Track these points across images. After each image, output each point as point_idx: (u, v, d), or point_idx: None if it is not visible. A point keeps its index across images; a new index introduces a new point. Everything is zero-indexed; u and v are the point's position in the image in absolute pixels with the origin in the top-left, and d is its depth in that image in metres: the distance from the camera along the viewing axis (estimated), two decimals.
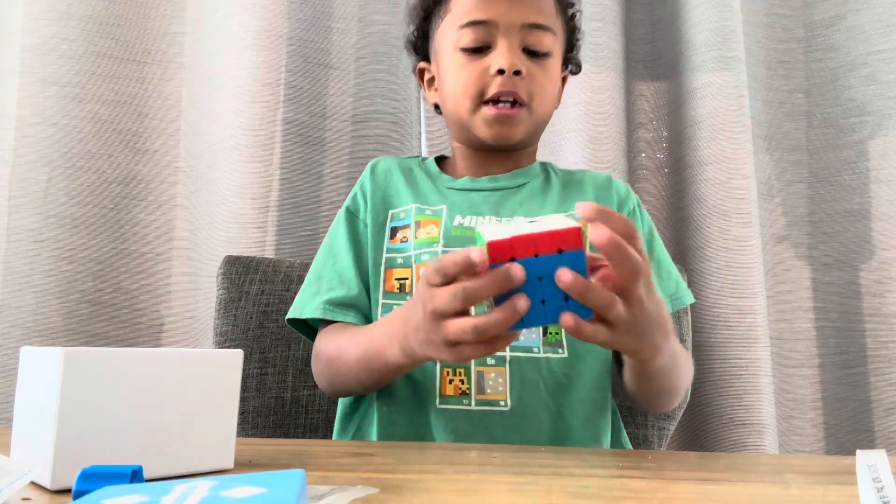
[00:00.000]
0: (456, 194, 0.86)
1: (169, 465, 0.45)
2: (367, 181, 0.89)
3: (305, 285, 0.85)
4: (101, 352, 0.44)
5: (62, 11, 1.21)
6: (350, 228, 0.86)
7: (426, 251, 0.79)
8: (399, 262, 0.81)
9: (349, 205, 0.89)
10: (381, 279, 0.81)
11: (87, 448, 0.42)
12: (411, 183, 0.88)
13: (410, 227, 0.83)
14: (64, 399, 0.41)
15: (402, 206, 0.86)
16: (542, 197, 0.86)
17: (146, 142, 1.27)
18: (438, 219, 0.82)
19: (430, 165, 0.92)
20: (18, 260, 1.16)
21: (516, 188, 0.86)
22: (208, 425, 0.48)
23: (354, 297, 0.80)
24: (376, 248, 0.83)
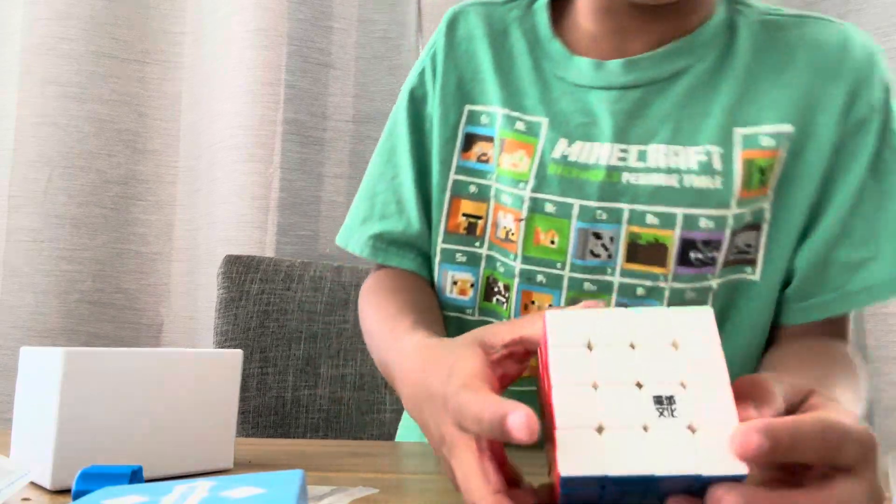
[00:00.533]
0: (566, 94, 0.57)
1: (169, 465, 0.45)
2: (439, 47, 0.62)
3: (358, 198, 0.66)
4: (100, 352, 0.44)
5: (62, 11, 1.21)
6: (413, 125, 0.63)
7: (507, 190, 0.57)
8: (472, 192, 0.60)
9: (414, 86, 0.64)
10: (443, 210, 0.61)
11: (86, 448, 0.42)
12: (503, 61, 0.60)
13: (494, 142, 0.59)
14: (64, 399, 0.41)
15: (484, 104, 0.60)
16: (708, 95, 0.55)
17: (146, 142, 1.27)
18: (533, 141, 0.57)
19: (540, 19, 0.61)
20: (18, 260, 1.16)
21: (667, 80, 0.56)
22: (208, 425, 0.48)
23: (414, 234, 0.62)
24: (442, 162, 0.61)
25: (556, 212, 0.56)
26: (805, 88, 0.54)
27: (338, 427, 0.98)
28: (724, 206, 0.53)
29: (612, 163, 0.54)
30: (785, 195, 0.54)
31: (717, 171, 0.53)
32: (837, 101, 0.54)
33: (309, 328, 1.00)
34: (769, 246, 0.55)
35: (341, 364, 1.00)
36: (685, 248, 0.54)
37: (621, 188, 0.54)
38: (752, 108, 0.54)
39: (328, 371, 0.99)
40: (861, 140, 0.54)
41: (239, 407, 0.93)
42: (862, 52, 0.55)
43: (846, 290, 0.53)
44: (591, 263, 0.56)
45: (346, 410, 0.98)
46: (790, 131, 0.53)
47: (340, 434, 0.97)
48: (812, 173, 0.54)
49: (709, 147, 0.53)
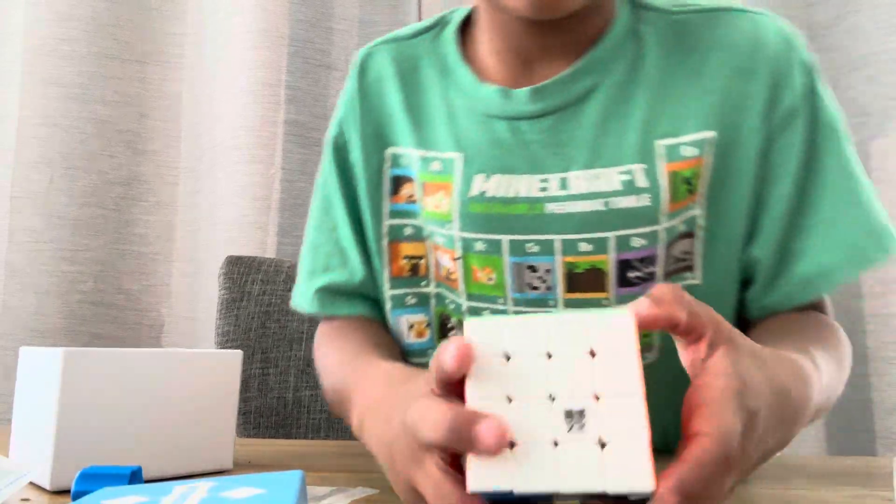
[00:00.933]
0: (476, 125, 0.55)
1: (168, 465, 0.45)
2: (354, 93, 0.61)
3: (303, 253, 0.65)
4: (100, 352, 0.44)
5: (64, 12, 1.21)
6: (342, 173, 0.62)
7: (438, 231, 0.56)
8: (408, 234, 0.59)
9: (336, 134, 0.63)
10: (385, 257, 0.60)
11: (86, 448, 0.42)
12: (413, 98, 0.58)
13: (415, 184, 0.58)
14: (63, 399, 0.41)
15: (402, 147, 0.59)
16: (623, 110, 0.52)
17: (147, 142, 1.27)
18: (449, 180, 0.55)
19: (448, 47, 0.59)
20: (20, 260, 1.16)
21: (578, 103, 0.53)
22: (207, 426, 0.48)
23: (357, 284, 0.61)
24: (374, 210, 0.60)
25: (486, 249, 0.54)
26: (724, 92, 0.52)
27: (339, 428, 0.98)
28: (654, 223, 0.52)
29: (534, 194, 0.53)
30: (719, 200, 0.53)
31: (643, 189, 0.51)
32: (760, 99, 0.52)
33: (310, 329, 1.00)
34: (706, 251, 0.53)
35: None
36: (622, 269, 0.53)
37: (547, 219, 0.53)
38: (669, 118, 0.52)
39: None
40: (791, 133, 0.52)
41: (240, 408, 0.94)
42: (777, 39, 0.53)
43: (801, 278, 0.52)
44: (532, 296, 0.55)
45: None
46: (713, 137, 0.52)
47: (342, 435, 0.97)
48: (744, 176, 0.53)
49: (630, 166, 0.52)
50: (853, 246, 0.51)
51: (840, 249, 0.51)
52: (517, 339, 0.30)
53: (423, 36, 0.61)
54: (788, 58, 0.53)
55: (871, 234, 0.51)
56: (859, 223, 0.51)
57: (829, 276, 0.51)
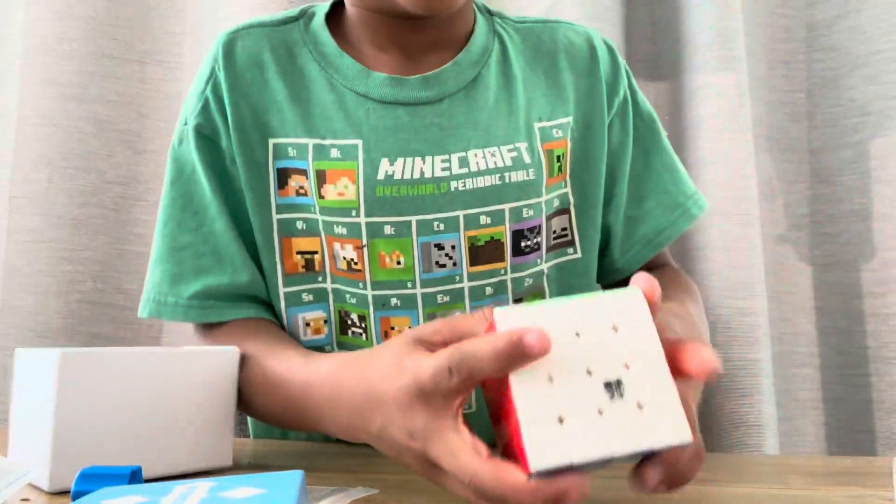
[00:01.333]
0: (373, 111, 0.56)
1: (167, 464, 0.45)
2: (221, 79, 0.57)
3: (156, 260, 0.58)
4: (96, 352, 0.43)
5: (63, 12, 1.21)
6: (210, 164, 0.57)
7: (340, 221, 0.55)
8: (301, 228, 0.57)
9: (199, 122, 0.57)
10: (276, 254, 0.57)
11: (84, 449, 0.42)
12: (296, 86, 0.57)
13: (308, 175, 0.56)
14: (60, 400, 0.41)
15: (288, 137, 0.56)
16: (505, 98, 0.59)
17: (147, 142, 1.27)
18: (353, 167, 0.55)
19: (322, 36, 0.58)
20: (19, 260, 1.16)
21: (465, 90, 0.58)
22: (206, 424, 0.48)
23: (245, 284, 0.56)
24: (259, 203, 0.57)
25: (395, 232, 0.56)
26: (574, 86, 0.63)
27: None
28: (539, 195, 0.60)
29: (438, 174, 0.57)
30: (581, 179, 0.63)
31: (528, 165, 0.59)
32: (601, 93, 0.63)
33: None
34: (580, 225, 0.63)
35: None
36: (516, 239, 0.60)
37: (453, 196, 0.57)
38: (540, 105, 0.61)
39: None
40: (625, 118, 0.65)
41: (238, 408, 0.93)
42: (604, 47, 0.66)
43: (644, 237, 0.65)
44: (440, 275, 0.58)
45: None
46: (570, 122, 0.62)
47: None
48: (598, 156, 0.63)
49: (517, 144, 0.59)
50: (679, 206, 0.65)
51: (671, 211, 0.65)
52: (545, 323, 0.32)
53: (293, 24, 0.60)
54: (615, 61, 0.66)
55: (690, 197, 0.66)
56: (681, 189, 0.66)
57: (666, 233, 0.65)
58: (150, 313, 0.58)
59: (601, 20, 1.21)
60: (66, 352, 0.41)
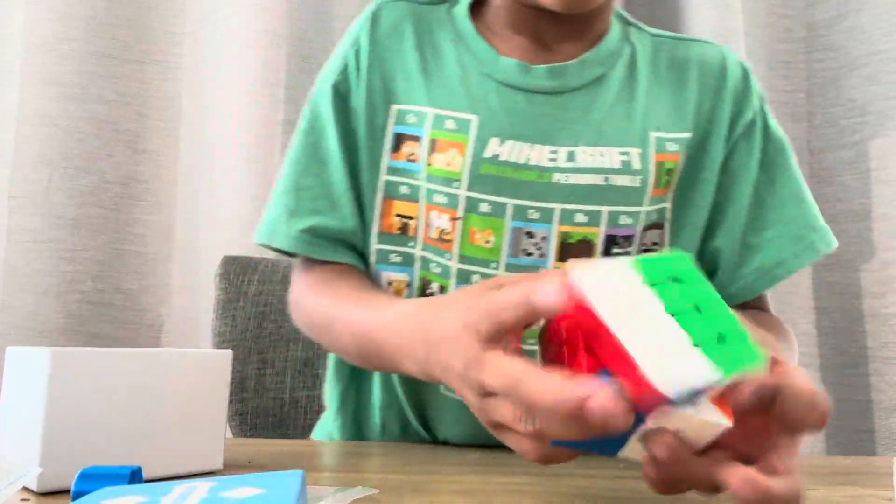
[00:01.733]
0: (496, 93, 0.58)
1: (157, 466, 0.45)
2: (363, 44, 0.61)
3: (278, 194, 0.63)
4: (88, 352, 0.43)
5: (63, 11, 1.21)
6: (341, 120, 0.61)
7: (442, 190, 0.58)
8: (403, 193, 0.60)
9: (337, 80, 0.62)
10: (376, 211, 0.60)
11: (74, 449, 0.41)
12: (429, 60, 0.60)
13: (422, 142, 0.58)
14: (51, 400, 0.41)
15: (411, 104, 0.60)
16: (626, 102, 0.59)
17: (146, 142, 1.27)
18: (464, 140, 0.57)
19: (462, 20, 0.62)
20: (19, 260, 1.16)
21: (589, 87, 0.59)
22: (197, 426, 0.47)
23: (350, 230, 0.60)
24: (371, 163, 0.60)
25: (490, 211, 0.57)
26: (698, 103, 0.61)
27: None
28: (640, 204, 0.58)
29: (543, 163, 0.57)
30: (686, 196, 0.61)
31: (636, 171, 0.58)
32: (726, 113, 0.61)
33: None
34: (672, 243, 0.61)
35: None
36: (608, 244, 0.58)
37: (553, 188, 0.57)
38: (659, 116, 0.60)
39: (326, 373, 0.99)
40: (751, 141, 0.62)
41: (237, 408, 0.93)
42: (738, 68, 0.64)
43: (762, 268, 0.61)
44: (525, 262, 0.57)
45: None
46: (689, 138, 0.60)
47: None
48: (710, 176, 0.61)
49: (629, 149, 0.58)
50: (803, 240, 0.60)
51: (793, 243, 0.60)
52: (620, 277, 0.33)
53: (438, 6, 0.64)
54: (747, 83, 0.63)
55: (816, 230, 0.61)
56: (807, 221, 0.61)
57: (786, 266, 0.60)
58: (264, 239, 0.62)
59: None
60: (56, 351, 0.41)
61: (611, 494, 0.42)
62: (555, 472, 0.50)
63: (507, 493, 0.42)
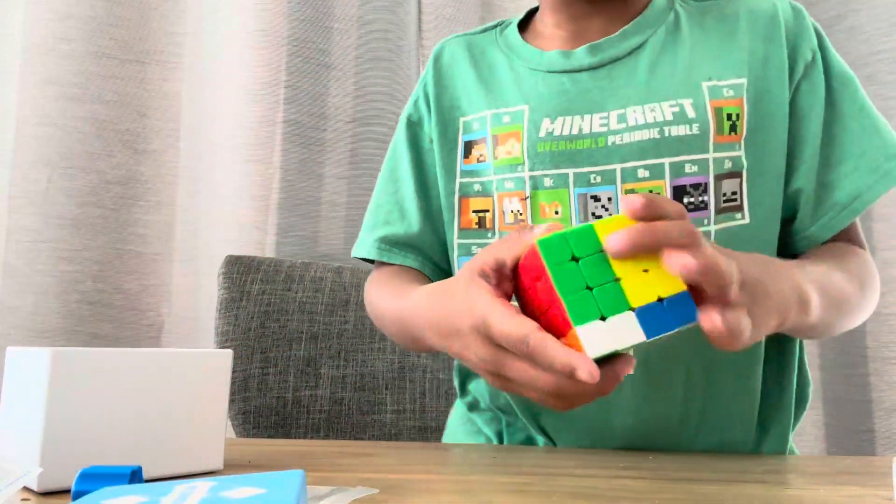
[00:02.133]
0: (541, 81, 0.64)
1: (158, 466, 0.45)
2: (429, 78, 0.72)
3: (367, 213, 0.75)
4: (88, 352, 0.43)
5: (62, 11, 1.21)
6: (412, 144, 0.72)
7: (509, 177, 0.63)
8: (476, 190, 0.66)
9: (410, 112, 0.73)
10: (455, 212, 0.67)
11: (74, 449, 0.41)
12: (484, 73, 0.69)
13: (487, 141, 0.65)
14: (51, 400, 0.41)
15: (474, 113, 0.68)
16: (670, 59, 0.62)
17: (146, 142, 1.27)
18: (519, 127, 0.63)
19: (511, 34, 0.71)
20: (18, 260, 1.16)
21: (629, 56, 0.63)
22: (197, 426, 0.47)
23: (415, 235, 0.69)
24: (447, 171, 0.68)
25: (554, 184, 0.61)
26: (750, 51, 0.62)
27: (338, 427, 0.98)
28: (704, 151, 0.59)
29: (596, 130, 0.61)
30: (756, 142, 0.61)
31: (692, 119, 0.59)
32: (783, 56, 0.62)
33: (309, 329, 1.00)
34: (751, 190, 0.60)
35: (342, 365, 1.00)
36: (677, 194, 0.59)
37: (609, 150, 0.60)
38: (708, 66, 0.61)
39: (329, 372, 0.99)
40: (813, 79, 0.62)
41: (239, 407, 0.93)
42: (788, 8, 0.64)
43: (839, 204, 0.61)
44: None
45: (346, 411, 0.99)
46: (745, 83, 0.61)
47: (341, 434, 0.97)
48: (777, 119, 0.61)
49: (680, 100, 0.60)
50: (879, 170, 0.60)
51: (869, 174, 0.60)
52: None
53: (490, 31, 0.73)
54: (802, 24, 0.63)
55: (891, 158, 0.60)
56: (881, 150, 0.61)
57: (863, 198, 0.60)
58: (355, 253, 0.73)
59: None
60: (56, 351, 0.41)
61: (611, 494, 0.42)
62: (555, 472, 0.50)
63: (507, 493, 0.42)
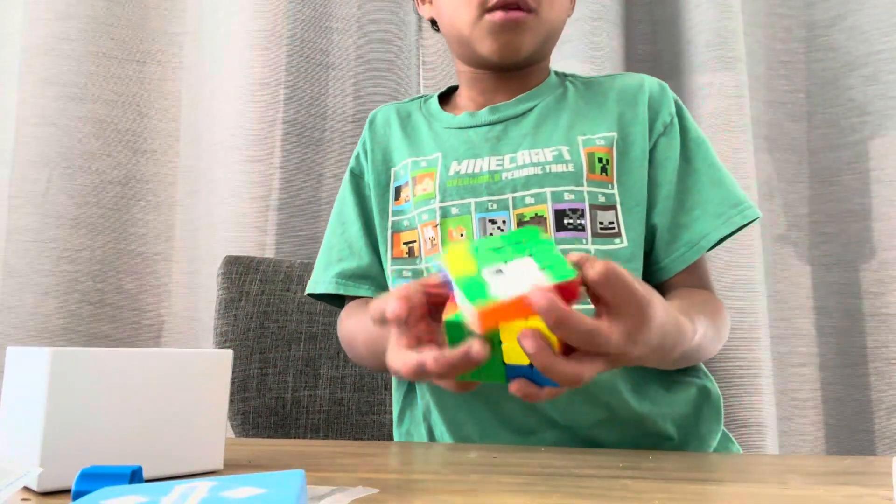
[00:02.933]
0: (452, 135, 0.78)
1: (158, 466, 0.44)
2: (366, 137, 0.85)
3: (319, 255, 0.84)
4: (88, 352, 0.43)
5: (62, 11, 1.21)
6: (356, 192, 0.83)
7: (424, 209, 0.75)
8: (405, 225, 0.78)
9: (353, 166, 0.85)
10: (388, 245, 0.79)
11: (74, 449, 0.41)
12: (409, 132, 0.83)
13: (409, 184, 0.78)
14: (51, 399, 0.41)
15: (400, 162, 0.81)
16: (553, 119, 0.77)
17: (146, 142, 1.27)
18: (433, 170, 0.77)
19: (432, 104, 0.85)
20: (18, 260, 1.16)
21: (521, 116, 0.78)
22: (197, 426, 0.47)
23: (366, 266, 0.79)
24: (382, 212, 0.80)
25: (459, 212, 0.74)
26: (619, 113, 0.76)
27: (338, 428, 0.98)
28: (580, 184, 0.72)
29: (493, 168, 0.74)
30: (625, 182, 0.74)
31: (568, 160, 0.73)
32: (643, 117, 0.76)
33: (309, 329, 1.00)
34: (626, 220, 0.72)
35: (341, 365, 1.00)
36: (559, 217, 0.71)
37: (503, 184, 0.73)
38: (584, 126, 0.76)
39: (328, 372, 0.99)
40: (671, 137, 0.76)
41: (239, 408, 0.93)
42: (654, 85, 0.79)
43: (689, 241, 0.73)
44: None
45: (346, 411, 0.98)
46: (615, 136, 0.75)
47: (340, 435, 0.97)
48: (639, 167, 0.74)
49: (559, 147, 0.74)
50: (722, 215, 0.72)
51: (714, 219, 0.72)
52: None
53: (416, 101, 0.87)
54: (662, 94, 0.78)
55: (734, 206, 0.73)
56: (726, 199, 0.73)
57: (708, 237, 0.72)
58: (310, 289, 0.81)
59: (601, 20, 1.22)
60: (56, 351, 0.41)
61: (611, 494, 0.42)
62: (555, 471, 0.50)
63: (507, 493, 0.42)
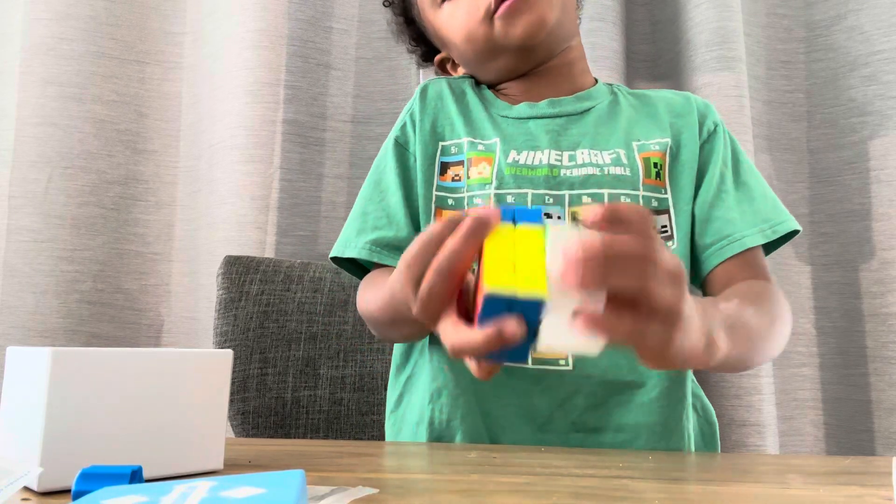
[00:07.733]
0: (511, 124, 0.80)
1: (158, 466, 0.44)
2: (416, 108, 0.84)
3: (349, 221, 0.82)
4: (88, 352, 0.43)
5: (62, 11, 1.21)
6: (399, 162, 0.82)
7: (478, 194, 0.76)
8: (450, 203, 0.78)
9: (397, 135, 0.84)
10: (431, 219, 0.78)
11: (74, 449, 0.41)
12: (463, 110, 0.83)
13: (463, 164, 0.79)
14: (51, 399, 0.41)
15: (453, 139, 0.81)
16: (611, 123, 0.80)
17: (146, 142, 1.27)
18: (492, 155, 0.78)
19: (485, 90, 0.86)
20: (18, 260, 1.16)
21: (580, 114, 0.80)
22: (198, 426, 0.47)
23: (403, 238, 0.77)
24: (426, 183, 0.79)
25: (515, 201, 0.74)
26: (669, 122, 0.80)
27: (338, 428, 0.98)
28: (635, 188, 0.75)
29: (552, 162, 0.76)
30: (675, 187, 0.77)
31: (625, 164, 0.76)
32: (692, 124, 0.80)
33: (309, 329, 1.00)
34: (678, 221, 0.75)
35: (341, 365, 1.00)
36: None
37: (560, 179, 0.75)
38: (640, 131, 0.79)
39: (328, 372, 0.99)
40: (714, 144, 0.80)
41: (238, 408, 0.93)
42: (699, 102, 0.83)
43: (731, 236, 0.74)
44: None
45: (346, 411, 0.98)
46: (668, 141, 0.78)
47: (340, 435, 0.97)
48: (689, 169, 0.78)
49: (617, 150, 0.77)
50: (764, 218, 0.75)
51: (755, 218, 0.75)
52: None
53: (465, 79, 0.87)
54: (707, 108, 0.83)
55: (776, 212, 0.76)
56: (768, 204, 0.77)
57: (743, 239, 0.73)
58: (337, 252, 0.79)
59: (601, 20, 1.22)
60: (56, 351, 0.41)
61: (611, 494, 0.42)
62: (555, 471, 0.50)
63: (507, 493, 0.42)
